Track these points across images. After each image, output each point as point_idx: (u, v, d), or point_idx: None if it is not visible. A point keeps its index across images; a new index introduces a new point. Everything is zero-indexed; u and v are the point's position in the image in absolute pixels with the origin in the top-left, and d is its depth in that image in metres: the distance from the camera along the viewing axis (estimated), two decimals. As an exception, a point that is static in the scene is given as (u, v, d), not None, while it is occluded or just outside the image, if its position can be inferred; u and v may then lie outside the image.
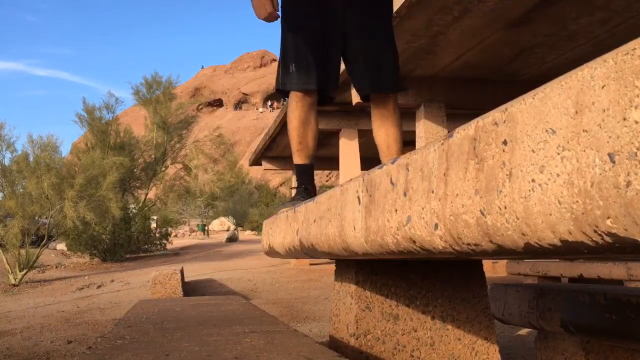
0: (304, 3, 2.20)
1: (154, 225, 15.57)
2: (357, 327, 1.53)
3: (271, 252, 1.96)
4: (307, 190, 2.18)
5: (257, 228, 28.75)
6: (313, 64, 2.13)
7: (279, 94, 2.27)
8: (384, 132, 2.24)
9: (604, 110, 0.48)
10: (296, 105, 2.16)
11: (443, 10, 4.16)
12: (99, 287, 7.61)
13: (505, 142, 0.62)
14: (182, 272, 5.82)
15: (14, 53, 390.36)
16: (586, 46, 4.95)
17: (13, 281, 8.93)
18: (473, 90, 5.90)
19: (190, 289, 6.32)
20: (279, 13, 2.18)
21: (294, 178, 10.52)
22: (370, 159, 5.90)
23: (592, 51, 5.00)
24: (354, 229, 1.06)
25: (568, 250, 0.57)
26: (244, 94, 79.53)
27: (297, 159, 2.23)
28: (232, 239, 19.84)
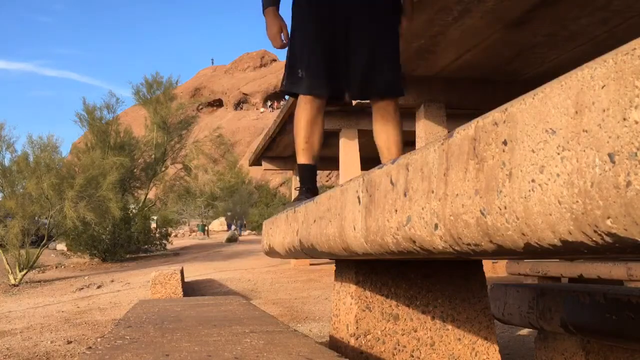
0: (313, 6, 2.22)
1: (153, 225, 15.56)
2: (357, 327, 1.53)
3: (271, 252, 1.96)
4: (310, 191, 2.18)
5: (257, 228, 28.77)
6: (322, 69, 2.14)
7: (287, 94, 2.30)
8: (384, 135, 2.25)
9: (604, 110, 0.48)
10: (305, 106, 2.17)
11: (443, 10, 4.16)
12: (99, 287, 7.61)
13: (505, 142, 0.62)
14: (182, 272, 5.82)
15: (24, 54, 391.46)
16: (586, 46, 4.95)
17: (13, 281, 8.93)
18: (473, 90, 5.90)
19: (190, 289, 6.32)
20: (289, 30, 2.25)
21: (295, 178, 10.50)
22: (370, 159, 5.89)
23: (592, 51, 4.99)
24: (354, 229, 1.06)
25: (568, 250, 0.57)
26: (244, 94, 79.47)
27: (302, 159, 2.22)
28: (232, 239, 19.84)
